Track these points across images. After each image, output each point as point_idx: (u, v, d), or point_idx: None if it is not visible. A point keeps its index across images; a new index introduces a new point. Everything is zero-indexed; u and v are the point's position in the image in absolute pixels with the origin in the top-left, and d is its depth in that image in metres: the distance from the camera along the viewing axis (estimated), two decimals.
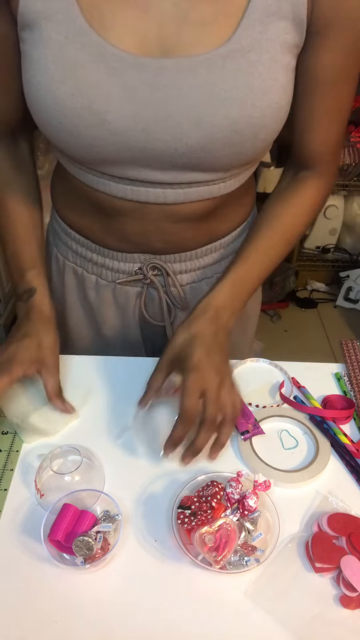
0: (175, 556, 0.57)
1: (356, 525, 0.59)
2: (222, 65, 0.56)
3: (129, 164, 0.63)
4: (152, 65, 0.56)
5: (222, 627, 0.53)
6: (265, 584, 0.56)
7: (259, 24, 0.56)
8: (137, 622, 0.53)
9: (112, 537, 0.58)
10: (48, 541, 0.56)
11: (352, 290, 2.54)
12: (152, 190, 0.66)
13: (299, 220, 0.73)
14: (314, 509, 0.63)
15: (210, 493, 0.59)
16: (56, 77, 0.57)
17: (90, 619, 0.53)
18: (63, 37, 0.56)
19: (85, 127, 0.58)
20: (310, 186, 0.73)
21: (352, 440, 0.71)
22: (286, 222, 0.73)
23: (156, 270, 0.78)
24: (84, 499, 0.60)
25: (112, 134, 0.59)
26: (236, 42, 0.56)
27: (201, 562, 0.56)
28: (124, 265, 0.78)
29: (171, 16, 0.56)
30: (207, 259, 0.80)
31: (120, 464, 0.67)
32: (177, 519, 0.58)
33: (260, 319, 1.02)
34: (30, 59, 0.59)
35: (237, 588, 0.55)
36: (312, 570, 0.57)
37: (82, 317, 0.88)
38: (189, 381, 0.61)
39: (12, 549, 0.58)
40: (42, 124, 0.62)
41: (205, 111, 0.57)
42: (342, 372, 0.82)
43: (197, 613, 0.54)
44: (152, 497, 0.63)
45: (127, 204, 0.68)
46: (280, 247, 0.73)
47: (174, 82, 0.56)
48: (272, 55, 0.57)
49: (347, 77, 0.63)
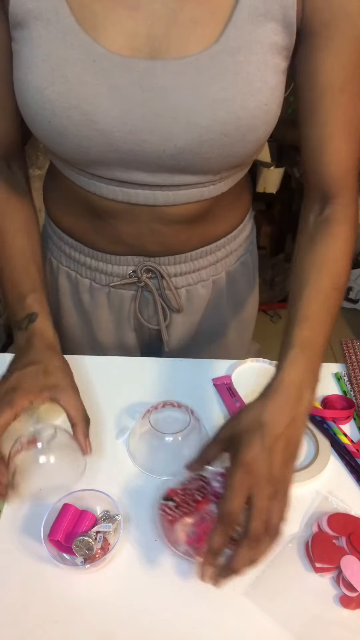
0: (175, 556, 0.57)
1: (356, 525, 0.59)
2: (211, 66, 0.56)
3: (117, 166, 0.62)
4: (140, 66, 0.56)
5: (222, 627, 0.53)
6: (265, 584, 0.56)
7: (248, 24, 0.55)
8: (137, 622, 0.53)
9: (112, 537, 0.58)
10: (48, 541, 0.56)
11: (352, 290, 2.54)
12: (143, 192, 0.65)
13: (342, 267, 0.64)
14: (314, 509, 0.63)
15: (195, 486, 0.59)
16: (45, 76, 0.57)
17: (90, 619, 0.53)
18: (53, 36, 0.56)
19: (74, 127, 0.58)
20: (342, 223, 0.65)
21: (352, 440, 0.71)
22: (330, 273, 0.63)
23: (150, 273, 0.77)
24: (84, 499, 0.60)
25: (100, 134, 0.58)
26: (224, 43, 0.55)
27: (183, 554, 0.56)
28: (118, 269, 0.78)
29: (160, 17, 0.56)
30: (202, 262, 0.79)
31: (120, 464, 0.67)
32: (160, 510, 0.58)
33: (260, 319, 1.02)
34: (20, 58, 0.59)
35: (237, 588, 0.55)
36: (312, 570, 0.57)
37: (77, 321, 0.87)
38: (236, 479, 0.50)
39: (12, 549, 0.58)
40: (32, 124, 0.62)
41: (193, 112, 0.56)
42: (342, 372, 0.82)
43: (197, 613, 0.54)
44: (152, 497, 0.63)
45: (118, 205, 0.68)
46: (333, 298, 0.62)
47: (163, 83, 0.56)
48: (261, 56, 0.56)
49: (353, 80, 0.60)
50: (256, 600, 0.55)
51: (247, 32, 0.55)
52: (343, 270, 0.64)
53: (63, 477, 0.63)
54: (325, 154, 0.63)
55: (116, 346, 0.88)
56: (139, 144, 0.59)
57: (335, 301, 0.62)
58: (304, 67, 0.60)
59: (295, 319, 0.59)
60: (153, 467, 0.66)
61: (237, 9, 0.55)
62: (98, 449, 0.68)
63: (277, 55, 0.57)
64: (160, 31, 0.56)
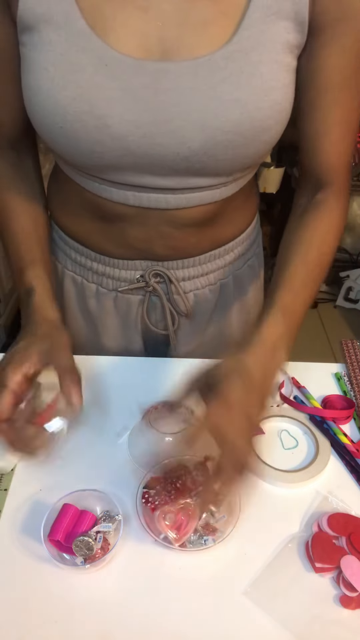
0: (175, 556, 0.57)
1: (356, 525, 0.59)
2: (224, 66, 0.55)
3: (130, 170, 0.62)
4: (153, 68, 0.56)
5: (222, 627, 0.53)
6: (265, 584, 0.56)
7: (260, 23, 0.55)
8: (136, 622, 0.53)
9: (112, 537, 0.58)
10: (48, 541, 0.56)
11: (352, 290, 2.54)
12: (154, 195, 0.65)
13: (329, 246, 0.68)
14: (314, 509, 0.63)
15: (176, 475, 0.61)
16: (57, 81, 0.56)
17: (90, 619, 0.53)
18: (63, 40, 0.55)
19: (86, 132, 0.58)
20: (331, 209, 0.69)
21: (352, 440, 0.71)
22: (318, 249, 0.66)
23: (159, 278, 0.77)
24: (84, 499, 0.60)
25: (113, 139, 0.58)
26: (237, 43, 0.55)
27: (163, 541, 0.57)
28: (125, 273, 0.77)
29: (172, 17, 0.55)
30: (210, 266, 0.78)
31: (120, 464, 0.67)
32: (142, 498, 0.60)
33: None
34: (30, 63, 0.58)
35: (237, 588, 0.55)
36: (312, 570, 0.57)
37: (83, 326, 0.86)
38: (212, 408, 0.52)
39: (12, 549, 0.58)
40: (41, 130, 0.61)
41: (207, 114, 0.56)
42: (342, 372, 0.82)
43: (197, 613, 0.54)
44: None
45: (128, 209, 0.67)
46: (317, 273, 0.66)
47: (176, 85, 0.56)
48: (274, 55, 0.56)
49: (353, 78, 0.61)
50: (256, 600, 0.55)
51: (260, 32, 0.55)
52: (329, 249, 0.67)
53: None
54: (321, 147, 0.65)
55: (122, 350, 0.87)
56: (153, 147, 0.58)
57: (318, 276, 0.66)
58: (307, 64, 0.60)
59: (280, 284, 0.63)
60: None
61: (250, 8, 0.55)
62: (98, 449, 0.68)
63: (289, 54, 0.58)
64: (171, 32, 0.56)
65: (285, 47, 0.57)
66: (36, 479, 0.65)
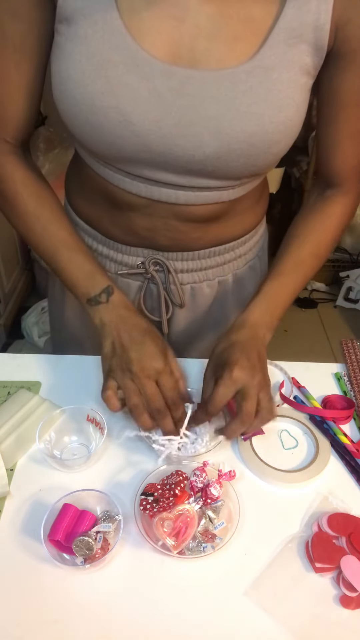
0: (175, 556, 0.57)
1: (356, 525, 0.59)
2: (245, 80, 0.58)
3: (146, 165, 0.64)
4: (180, 74, 0.58)
5: (222, 627, 0.53)
6: (265, 584, 0.56)
7: (283, 44, 0.59)
8: (137, 622, 0.53)
9: (112, 537, 0.58)
10: (48, 541, 0.56)
11: (352, 290, 2.54)
12: (165, 190, 0.68)
13: (327, 237, 0.75)
14: (314, 509, 0.63)
15: (174, 481, 0.61)
16: (88, 74, 0.58)
17: (90, 619, 0.53)
18: (99, 36, 0.58)
19: (110, 125, 0.60)
20: (337, 204, 0.76)
21: (352, 440, 0.71)
22: (315, 238, 0.75)
23: (158, 266, 0.79)
24: (84, 499, 0.60)
25: (135, 135, 0.60)
26: (260, 60, 0.58)
27: (161, 548, 0.57)
28: (127, 258, 0.79)
29: (205, 30, 0.58)
30: (209, 261, 0.80)
31: (120, 464, 0.67)
32: (140, 505, 0.59)
33: None
34: (63, 51, 0.60)
35: (237, 588, 0.56)
36: (312, 570, 0.57)
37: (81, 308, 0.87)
38: (226, 374, 0.62)
39: (12, 549, 0.58)
40: (67, 116, 0.63)
41: (225, 123, 0.59)
42: (342, 372, 0.82)
43: (197, 613, 0.54)
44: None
45: (139, 200, 0.70)
46: (310, 261, 0.74)
47: (199, 92, 0.59)
48: (292, 75, 0.60)
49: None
50: (256, 600, 0.55)
51: (281, 52, 0.59)
52: (326, 241, 0.75)
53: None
54: (335, 154, 0.72)
55: None
56: (170, 147, 0.61)
57: (310, 267, 0.75)
58: (327, 84, 0.65)
59: (270, 273, 0.73)
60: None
61: (275, 29, 0.58)
62: (98, 449, 0.68)
63: (305, 75, 0.61)
64: (202, 44, 0.59)
65: (302, 68, 0.61)
66: (36, 479, 0.65)
